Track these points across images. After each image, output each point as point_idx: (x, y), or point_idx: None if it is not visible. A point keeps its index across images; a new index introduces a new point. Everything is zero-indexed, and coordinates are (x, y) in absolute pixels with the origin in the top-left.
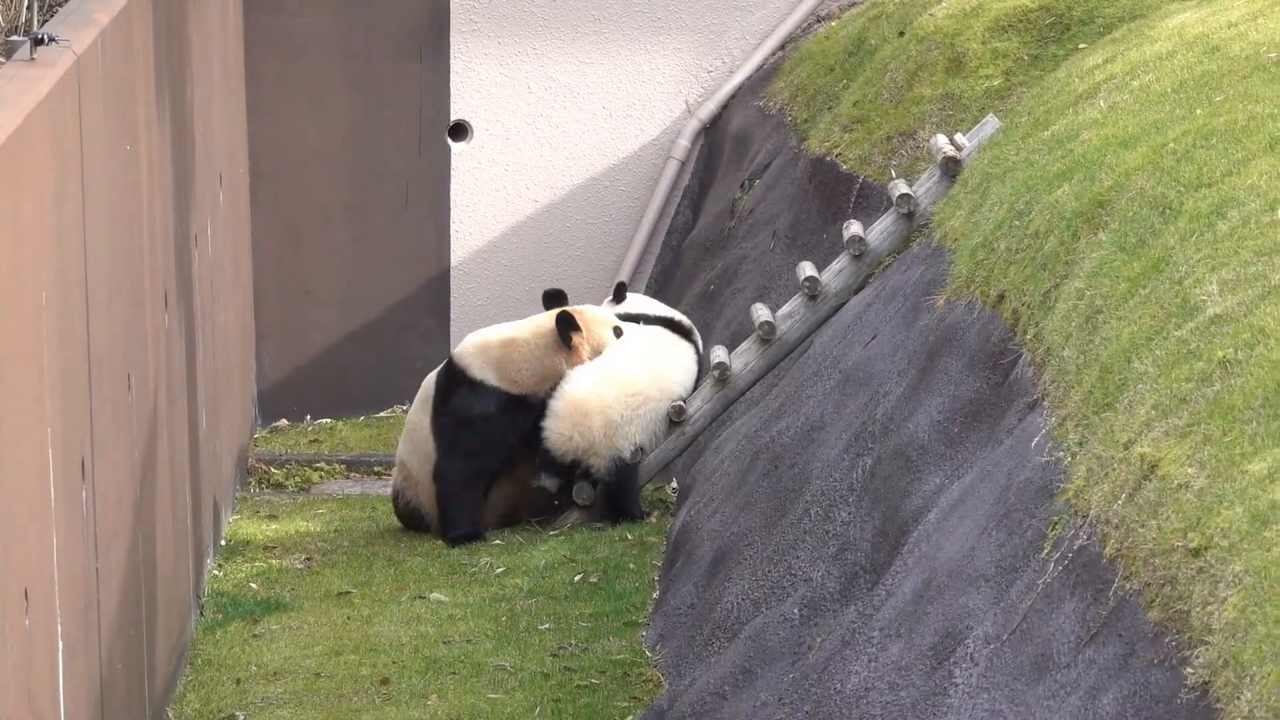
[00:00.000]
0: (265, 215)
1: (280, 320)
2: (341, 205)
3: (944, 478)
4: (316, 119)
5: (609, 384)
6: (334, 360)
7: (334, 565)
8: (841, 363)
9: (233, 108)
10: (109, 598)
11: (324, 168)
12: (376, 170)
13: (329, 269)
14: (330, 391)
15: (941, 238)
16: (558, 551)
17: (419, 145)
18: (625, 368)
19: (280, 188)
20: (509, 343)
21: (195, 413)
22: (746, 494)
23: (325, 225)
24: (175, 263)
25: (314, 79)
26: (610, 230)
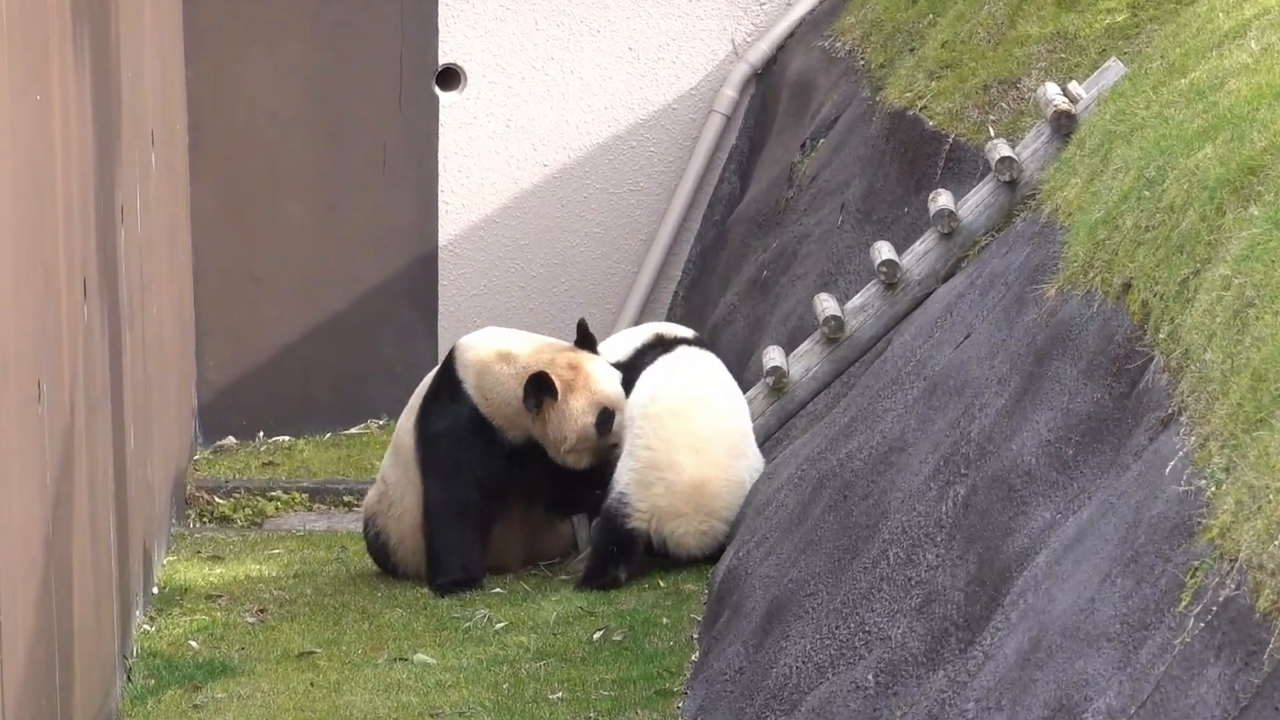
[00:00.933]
0: (207, 183)
1: (226, 314)
2: (302, 171)
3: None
4: (271, 64)
5: (713, 445)
6: (293, 364)
7: (293, 619)
8: (927, 368)
9: (167, 51)
10: (13, 658)
11: (280, 124)
12: (345, 127)
13: (286, 250)
14: (288, 402)
15: (1052, 212)
16: (572, 602)
17: (399, 96)
18: (709, 413)
19: (226, 149)
20: (505, 356)
21: (121, 429)
22: (809, 531)
23: (282, 196)
24: (96, 242)
25: (267, 15)
26: (638, 201)
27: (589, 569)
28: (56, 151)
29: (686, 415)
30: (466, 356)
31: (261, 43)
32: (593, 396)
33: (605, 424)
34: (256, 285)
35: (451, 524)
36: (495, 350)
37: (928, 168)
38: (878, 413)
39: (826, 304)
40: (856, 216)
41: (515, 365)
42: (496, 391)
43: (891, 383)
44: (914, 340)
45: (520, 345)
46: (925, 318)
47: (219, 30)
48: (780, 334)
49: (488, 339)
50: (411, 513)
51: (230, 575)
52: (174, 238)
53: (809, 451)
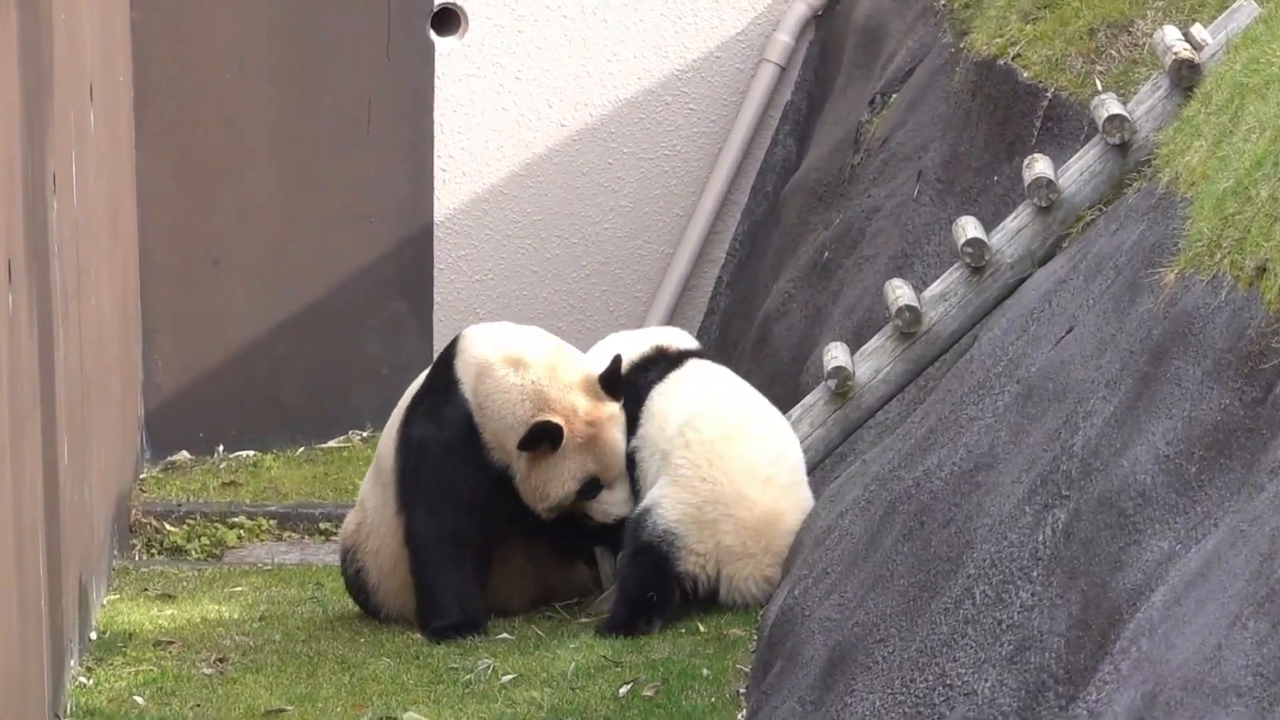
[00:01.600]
0: (156, 147)
1: (178, 304)
2: (270, 133)
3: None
4: (231, 2)
5: (779, 472)
6: (259, 364)
7: (259, 670)
8: (1021, 368)
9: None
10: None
11: (243, 76)
12: (322, 79)
13: (251, 228)
14: (253, 410)
15: (1171, 181)
16: (594, 650)
17: (386, 42)
18: (765, 436)
19: (178, 106)
20: (514, 361)
21: (53, 442)
22: (878, 565)
23: (245, 162)
24: (22, 218)
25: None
26: (674, 169)
27: (618, 617)
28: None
29: (741, 440)
30: (470, 351)
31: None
32: (593, 465)
33: (589, 493)
34: (215, 270)
35: (443, 556)
36: (504, 351)
37: (1022, 128)
38: (961, 423)
39: (900, 292)
40: (936, 187)
41: (523, 377)
42: (493, 400)
43: (978, 386)
44: (1005, 336)
45: (535, 352)
46: (1019, 309)
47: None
48: (844, 328)
49: (498, 335)
50: (391, 544)
51: (184, 617)
52: (116, 213)
53: (879, 469)
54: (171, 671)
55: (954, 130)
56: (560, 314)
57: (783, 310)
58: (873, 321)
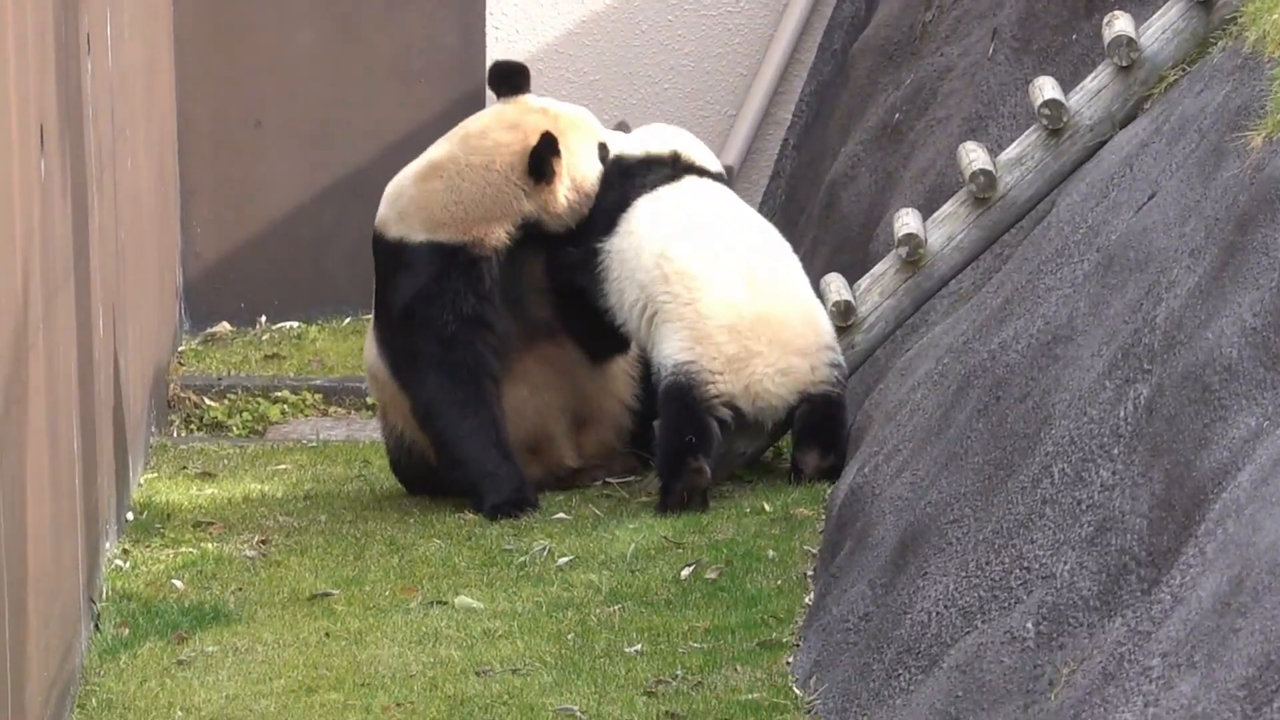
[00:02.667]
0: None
1: (218, 169)
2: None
3: (1263, 418)
4: None
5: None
6: (303, 232)
7: (304, 552)
8: (1100, 236)
9: None
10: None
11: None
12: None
13: (293, 87)
14: (298, 280)
15: (1258, 39)
16: (654, 531)
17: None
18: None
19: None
20: (430, 170)
21: (87, 313)
22: (952, 442)
23: (287, 19)
24: (55, 80)
25: None
26: (736, 25)
27: (664, 474)
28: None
29: (716, 251)
30: (395, 210)
31: None
32: (585, 133)
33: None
34: (257, 133)
35: (470, 425)
36: (419, 174)
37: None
38: (1039, 293)
39: (974, 155)
40: (1012, 45)
41: (458, 163)
42: (458, 204)
43: (1056, 255)
44: (1084, 202)
45: (440, 150)
46: (1098, 173)
47: None
48: (916, 193)
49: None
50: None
51: (224, 497)
52: (152, 74)
53: (952, 341)
54: (212, 554)
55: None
56: None
57: (851, 174)
58: (945, 186)
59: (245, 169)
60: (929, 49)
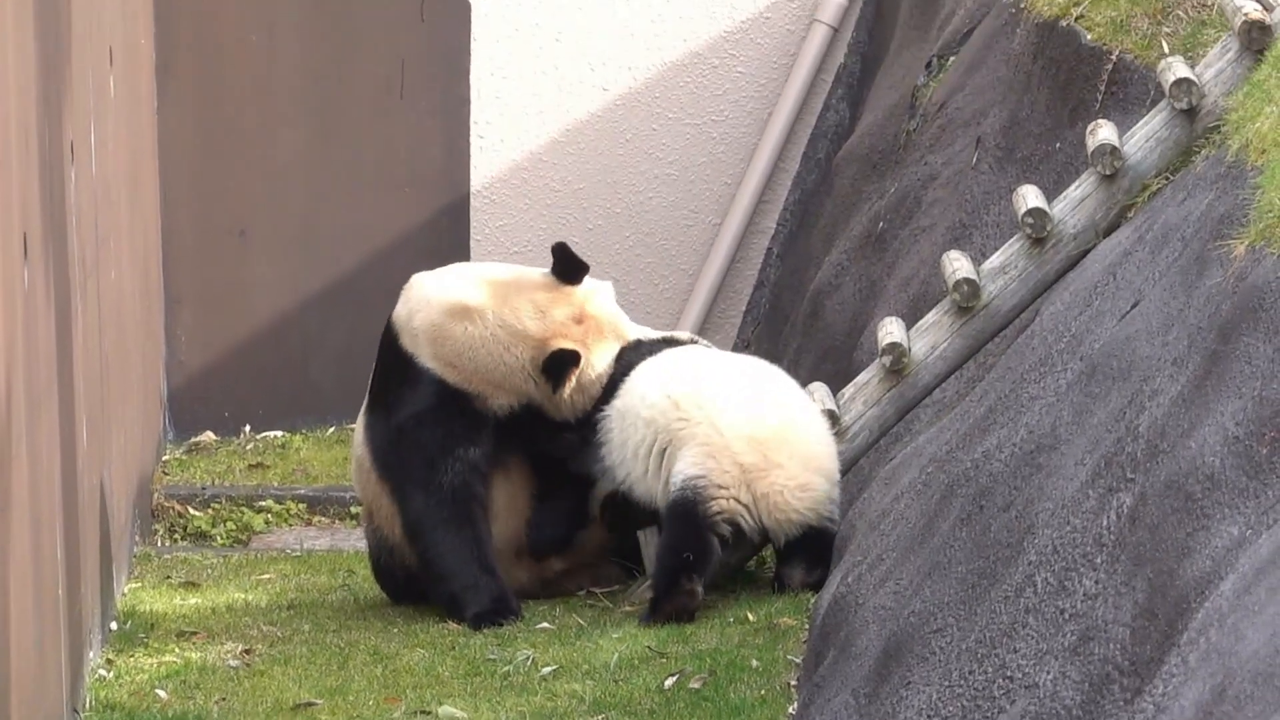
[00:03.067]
0: (180, 113)
1: (203, 277)
2: (299, 96)
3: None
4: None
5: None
6: (287, 340)
7: (287, 662)
8: (1084, 345)
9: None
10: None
11: (270, 37)
12: (352, 40)
13: (278, 196)
14: (281, 389)
15: (1241, 148)
16: (638, 640)
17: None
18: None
19: (203, 70)
20: (458, 311)
21: (71, 422)
22: (935, 551)
23: (272, 128)
24: (39, 189)
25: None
26: (722, 135)
27: (658, 586)
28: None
29: (726, 379)
30: (412, 324)
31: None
32: (610, 343)
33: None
34: (241, 241)
35: (453, 541)
36: (447, 307)
37: (1085, 93)
38: (1022, 402)
39: (958, 264)
40: (996, 154)
41: (486, 323)
42: (469, 359)
43: (1039, 364)
44: (1068, 310)
45: (478, 294)
46: (1082, 282)
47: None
48: (900, 302)
49: (429, 293)
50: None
51: (208, 606)
52: (137, 181)
53: (935, 450)
54: (195, 663)
55: (1014, 95)
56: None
57: (835, 283)
58: (929, 295)
59: (229, 277)
60: (913, 158)
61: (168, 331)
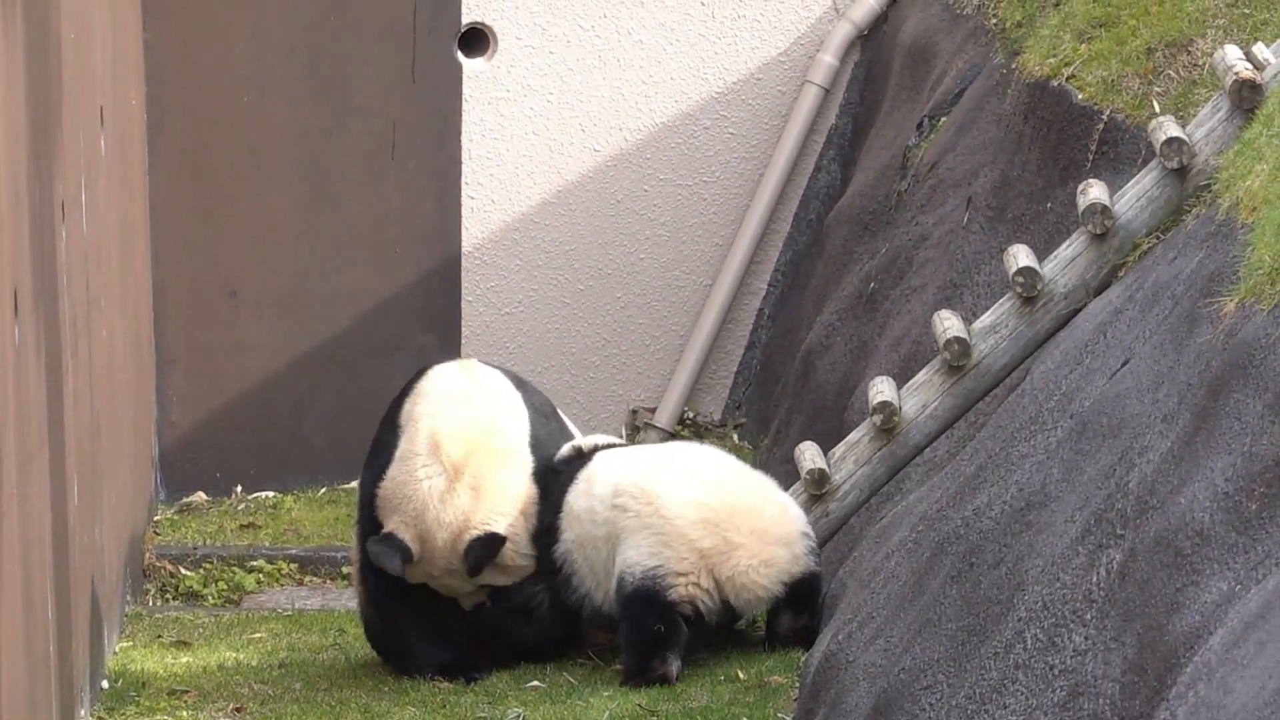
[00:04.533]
0: (171, 173)
1: (194, 337)
2: (290, 157)
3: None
4: (250, 22)
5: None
6: (278, 400)
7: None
8: (1074, 403)
9: (121, 7)
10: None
11: (261, 99)
12: (344, 101)
13: (269, 257)
14: (272, 449)
15: (1232, 207)
16: (629, 699)
17: (412, 63)
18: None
19: (194, 131)
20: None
21: (62, 481)
22: (925, 608)
23: (263, 189)
24: (29, 247)
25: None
26: (713, 196)
27: (630, 669)
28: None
29: (666, 469)
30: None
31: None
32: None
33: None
34: (232, 301)
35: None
36: (430, 432)
37: (1076, 153)
38: (1012, 460)
39: (949, 323)
40: (986, 214)
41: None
42: (394, 471)
43: (1030, 422)
44: (1058, 369)
45: (456, 443)
46: (1072, 340)
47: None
48: (891, 362)
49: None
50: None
51: (199, 665)
52: (128, 241)
53: (926, 509)
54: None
55: (1005, 155)
56: (594, 348)
57: (826, 343)
58: (920, 355)
59: (221, 337)
60: (904, 218)
61: (159, 391)
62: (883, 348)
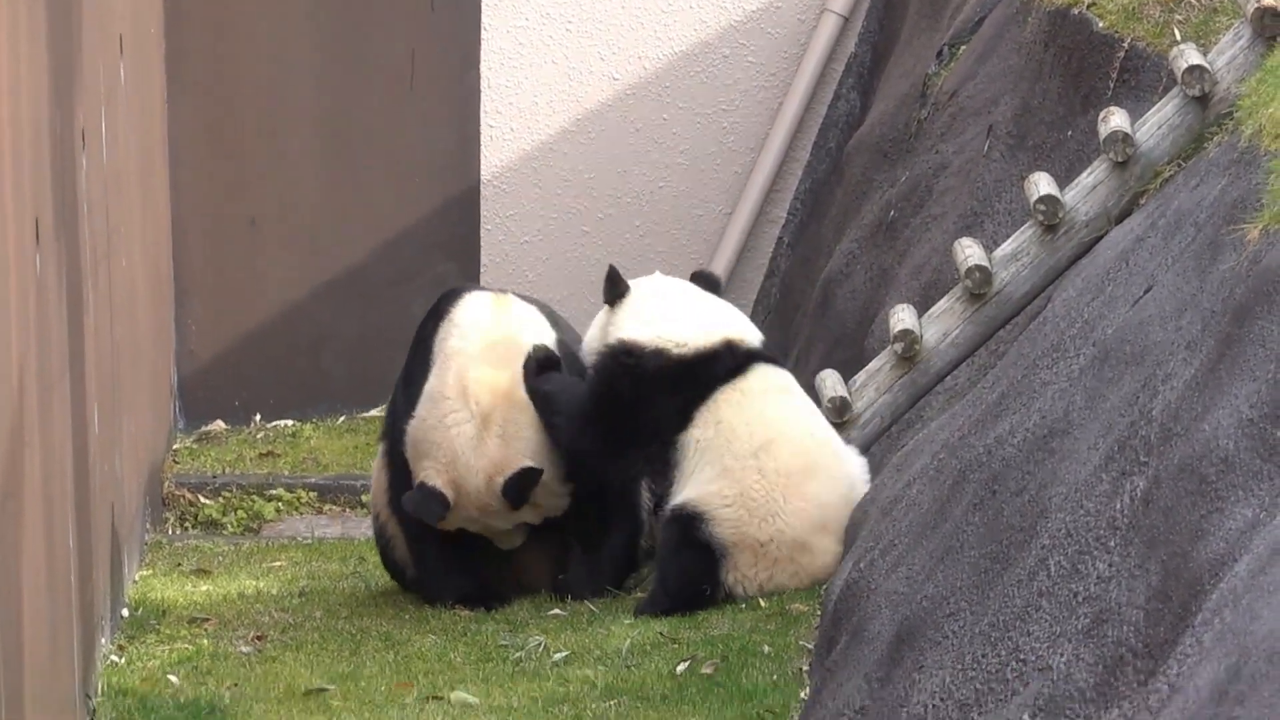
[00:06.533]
0: (190, 102)
1: (213, 266)
2: (308, 86)
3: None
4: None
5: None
6: (298, 330)
7: (299, 648)
8: (1096, 330)
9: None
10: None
11: (280, 28)
12: (364, 32)
13: (288, 186)
14: (292, 378)
15: (1254, 134)
16: (650, 627)
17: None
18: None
19: (213, 60)
20: (461, 391)
21: (83, 411)
22: (948, 536)
23: (282, 118)
24: (50, 176)
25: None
26: (732, 125)
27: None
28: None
29: (817, 477)
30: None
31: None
32: (472, 527)
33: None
34: (252, 231)
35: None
36: (460, 374)
37: (1097, 81)
38: (1034, 387)
39: (969, 252)
40: (1007, 142)
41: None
42: (424, 412)
43: (1052, 350)
44: (1080, 297)
45: (483, 392)
46: (1094, 268)
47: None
48: (911, 290)
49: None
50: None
51: (219, 593)
52: (148, 170)
53: (948, 436)
54: (207, 650)
55: (1026, 83)
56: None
57: (846, 272)
58: (941, 283)
59: (240, 267)
60: (924, 146)
61: (178, 320)
62: (903, 276)
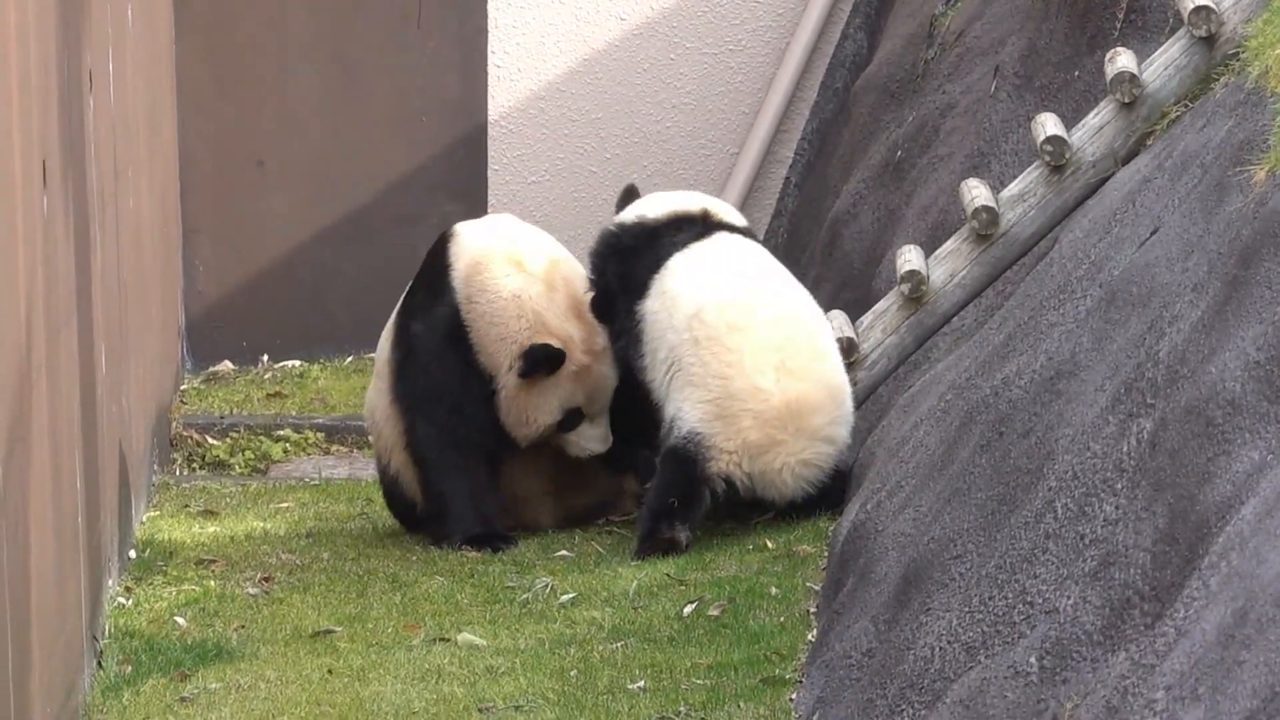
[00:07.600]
0: (197, 43)
1: (221, 208)
2: (314, 27)
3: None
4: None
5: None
6: (304, 271)
7: (306, 589)
8: (1103, 272)
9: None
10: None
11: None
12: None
13: (295, 127)
14: (299, 319)
15: (1261, 75)
16: (657, 568)
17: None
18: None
19: (220, 1)
20: (515, 261)
21: (90, 351)
22: (955, 478)
23: (289, 59)
24: (57, 117)
25: None
26: (739, 64)
27: (641, 527)
28: (8, 1)
29: (746, 329)
30: (465, 241)
31: None
32: (580, 398)
33: (569, 425)
34: (259, 172)
35: (448, 463)
36: (505, 249)
37: (1103, 20)
38: (1041, 329)
39: (976, 192)
40: (1014, 82)
41: (521, 287)
42: (484, 299)
43: (1059, 291)
44: (1087, 238)
45: (536, 258)
46: (1101, 209)
47: None
48: (918, 230)
49: (499, 229)
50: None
51: (227, 535)
52: (155, 112)
53: (955, 377)
54: (214, 591)
55: (1033, 23)
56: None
57: (853, 212)
58: (948, 223)
59: (247, 208)
60: (931, 86)
61: (185, 261)
62: (910, 216)
